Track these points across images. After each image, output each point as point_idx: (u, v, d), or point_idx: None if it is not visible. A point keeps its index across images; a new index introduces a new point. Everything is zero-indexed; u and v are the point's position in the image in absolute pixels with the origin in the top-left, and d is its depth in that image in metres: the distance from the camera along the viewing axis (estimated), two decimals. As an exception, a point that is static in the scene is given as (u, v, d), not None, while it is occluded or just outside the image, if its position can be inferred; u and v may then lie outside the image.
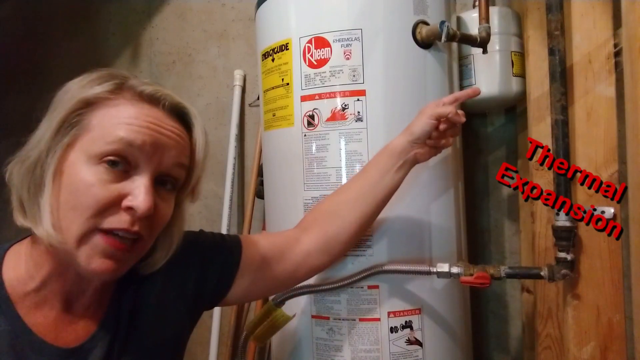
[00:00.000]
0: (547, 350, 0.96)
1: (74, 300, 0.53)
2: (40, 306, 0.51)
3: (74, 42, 1.64)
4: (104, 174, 0.47)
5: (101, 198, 0.47)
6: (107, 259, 0.48)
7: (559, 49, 0.82)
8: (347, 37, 0.84)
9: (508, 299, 1.24)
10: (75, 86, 0.50)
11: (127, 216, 0.48)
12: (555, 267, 0.81)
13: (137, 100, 0.51)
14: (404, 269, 0.79)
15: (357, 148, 0.83)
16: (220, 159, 1.49)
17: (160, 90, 0.52)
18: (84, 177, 0.47)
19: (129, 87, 0.51)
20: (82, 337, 0.53)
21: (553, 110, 0.83)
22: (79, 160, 0.48)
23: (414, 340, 0.84)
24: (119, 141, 0.47)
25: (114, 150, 0.47)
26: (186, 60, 1.54)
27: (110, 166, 0.47)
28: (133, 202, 0.47)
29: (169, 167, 0.51)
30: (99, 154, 0.47)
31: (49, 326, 0.51)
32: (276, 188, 0.94)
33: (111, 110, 0.49)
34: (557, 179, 0.83)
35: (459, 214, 0.94)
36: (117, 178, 0.48)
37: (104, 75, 0.51)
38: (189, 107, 0.55)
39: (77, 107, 0.48)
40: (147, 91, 0.51)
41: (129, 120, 0.49)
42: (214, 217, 1.50)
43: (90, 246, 0.47)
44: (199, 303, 0.66)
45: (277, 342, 0.96)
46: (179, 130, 0.53)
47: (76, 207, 0.47)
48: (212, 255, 0.67)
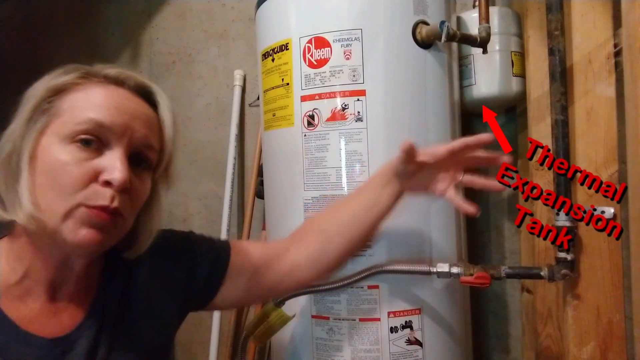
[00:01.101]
0: (547, 350, 0.96)
1: (58, 290, 0.54)
2: (24, 298, 0.51)
3: (74, 42, 1.65)
4: (77, 152, 0.49)
5: (78, 175, 0.48)
6: (92, 229, 0.49)
7: (559, 49, 0.82)
8: (347, 37, 0.84)
9: (508, 299, 1.24)
10: (43, 81, 0.52)
11: (106, 191, 0.49)
12: (555, 267, 0.81)
13: (103, 83, 0.53)
14: (404, 269, 0.79)
15: (357, 148, 0.83)
16: (220, 159, 1.49)
17: (125, 72, 0.55)
18: (59, 157, 0.48)
19: (94, 73, 0.54)
20: (69, 327, 0.53)
21: (553, 110, 0.83)
22: (52, 143, 0.49)
23: (414, 340, 0.84)
24: (89, 122, 0.49)
25: (85, 129, 0.49)
26: (186, 60, 1.54)
27: (83, 145, 0.49)
28: (109, 176, 0.49)
29: (140, 146, 0.53)
30: (71, 134, 0.49)
31: (33, 317, 0.51)
32: (276, 188, 0.94)
33: (79, 94, 0.51)
34: (557, 179, 0.83)
35: (459, 214, 0.94)
36: (91, 155, 0.49)
37: (70, 67, 0.53)
38: (153, 86, 0.57)
39: (47, 95, 0.50)
40: (111, 73, 0.54)
41: (97, 102, 0.51)
42: (214, 217, 1.50)
43: (74, 219, 0.48)
44: (186, 302, 0.66)
45: (277, 342, 0.96)
46: (145, 109, 0.55)
47: (54, 187, 0.48)
48: (202, 256, 0.67)
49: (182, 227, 1.53)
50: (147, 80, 0.57)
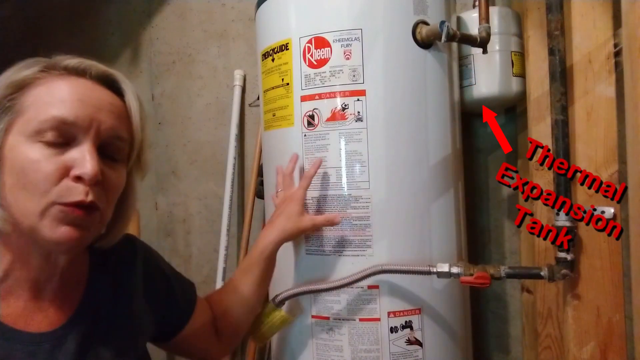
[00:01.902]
0: (547, 350, 0.96)
1: (42, 288, 0.53)
2: (6, 298, 0.51)
3: (74, 41, 1.64)
4: (45, 149, 0.48)
5: (48, 172, 0.47)
6: (70, 226, 0.48)
7: (559, 49, 0.82)
8: (347, 37, 0.84)
9: (508, 299, 1.24)
10: (3, 77, 0.51)
11: (79, 186, 0.48)
12: (555, 267, 0.81)
13: (65, 74, 0.52)
14: (404, 269, 0.79)
15: (357, 148, 0.83)
16: (220, 159, 1.49)
17: (85, 62, 0.54)
18: (27, 155, 0.48)
19: (53, 65, 0.52)
20: (56, 323, 0.53)
21: (553, 110, 0.83)
22: (19, 141, 0.48)
23: (414, 340, 0.84)
24: (52, 119, 0.48)
25: (50, 127, 0.48)
26: (186, 60, 1.54)
27: (50, 141, 0.48)
28: (80, 170, 0.48)
29: (108, 137, 0.52)
30: (37, 132, 0.48)
31: (17, 315, 0.51)
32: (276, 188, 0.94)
33: (41, 89, 0.50)
34: (557, 179, 0.83)
35: (459, 214, 0.94)
36: (60, 151, 0.49)
37: (30, 61, 0.52)
38: (117, 73, 0.56)
39: (8, 92, 0.49)
40: (71, 64, 0.53)
41: (59, 96, 0.49)
42: (214, 217, 1.50)
43: (50, 218, 0.48)
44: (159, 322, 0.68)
45: (277, 342, 0.96)
46: (110, 98, 0.54)
47: (26, 186, 0.47)
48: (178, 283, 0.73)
49: (182, 227, 1.55)
50: (110, 69, 0.56)
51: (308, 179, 0.82)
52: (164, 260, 0.74)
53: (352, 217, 0.83)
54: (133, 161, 0.57)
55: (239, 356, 1.41)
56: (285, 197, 0.84)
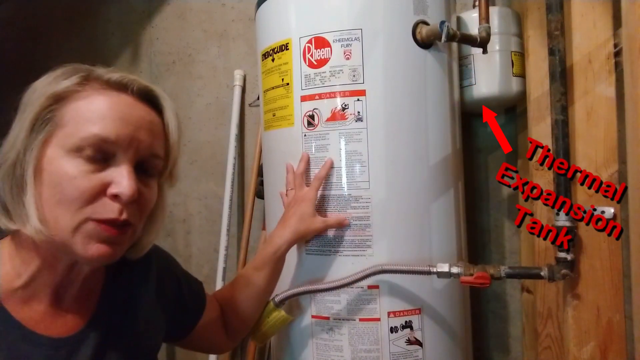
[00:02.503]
0: (547, 350, 0.96)
1: (62, 293, 0.54)
2: (28, 302, 0.51)
3: (74, 42, 1.65)
4: (84, 166, 0.48)
5: (85, 188, 0.47)
6: (102, 244, 0.49)
7: (559, 49, 0.82)
8: (347, 37, 0.84)
9: (508, 299, 1.24)
10: (42, 84, 0.51)
11: (114, 204, 0.48)
12: (555, 267, 0.81)
13: (105, 88, 0.51)
14: (404, 269, 0.79)
15: (357, 148, 0.83)
16: (220, 159, 1.49)
17: (127, 76, 0.53)
18: (66, 170, 0.47)
19: (95, 77, 0.52)
20: (73, 329, 0.54)
21: (553, 110, 0.83)
22: (58, 155, 0.48)
23: (414, 340, 0.84)
24: (93, 137, 0.48)
25: (90, 144, 0.48)
26: (186, 60, 1.54)
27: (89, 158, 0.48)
28: (117, 189, 0.48)
29: (146, 155, 0.52)
30: (76, 148, 0.48)
31: (38, 319, 0.51)
32: (276, 188, 0.94)
33: (81, 103, 0.49)
34: (557, 179, 0.83)
35: (459, 214, 0.94)
36: (98, 168, 0.49)
37: (69, 69, 0.52)
38: (157, 89, 0.56)
39: (48, 103, 0.49)
40: (113, 78, 0.52)
41: (101, 113, 0.49)
42: (214, 217, 1.50)
43: (84, 234, 0.48)
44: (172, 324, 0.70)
45: (277, 342, 0.96)
46: (150, 115, 0.54)
47: (62, 201, 0.47)
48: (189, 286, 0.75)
49: (182, 227, 1.54)
50: (151, 84, 0.55)
51: (320, 179, 0.82)
52: (175, 263, 0.75)
53: (352, 217, 0.83)
54: (166, 175, 0.58)
55: (239, 356, 1.41)
56: (296, 198, 0.83)
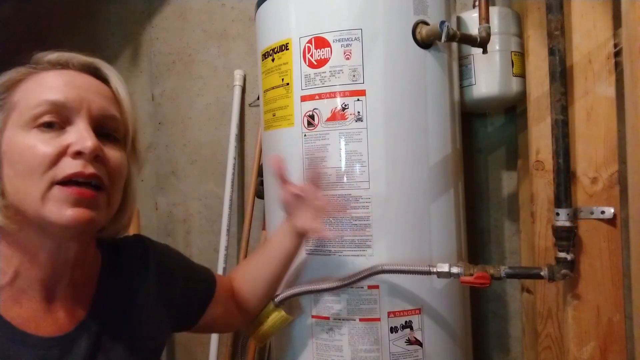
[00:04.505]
0: (547, 350, 0.96)
1: (52, 288, 0.53)
2: (18, 299, 0.51)
3: (74, 42, 1.65)
4: (41, 134, 0.49)
5: (45, 153, 0.48)
6: (77, 207, 0.48)
7: (559, 49, 0.82)
8: (347, 37, 0.84)
9: (508, 299, 1.24)
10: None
11: (77, 161, 0.48)
12: (555, 267, 0.81)
13: (49, 68, 0.54)
14: (404, 269, 0.79)
15: (357, 148, 0.83)
16: (220, 159, 1.49)
17: (64, 54, 0.55)
18: (25, 142, 0.48)
19: (36, 61, 0.54)
20: (66, 327, 0.53)
21: (553, 110, 0.83)
22: (15, 133, 0.49)
23: (414, 340, 0.84)
24: (44, 103, 0.49)
25: (42, 111, 0.49)
26: (186, 60, 1.54)
27: (45, 127, 0.49)
28: (78, 146, 0.48)
29: (100, 116, 0.53)
30: (31, 120, 0.49)
31: (28, 318, 0.51)
32: (276, 188, 0.94)
33: (29, 82, 0.52)
34: (557, 179, 0.83)
35: (459, 214, 0.94)
36: (56, 135, 0.49)
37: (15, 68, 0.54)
38: (98, 61, 0.57)
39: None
40: (53, 58, 0.55)
41: (47, 84, 0.51)
42: (214, 217, 1.50)
43: (55, 200, 0.48)
44: (178, 317, 0.69)
45: (277, 342, 0.96)
46: (97, 83, 0.55)
47: (25, 172, 0.48)
48: (194, 275, 0.74)
49: (182, 227, 1.54)
50: (91, 57, 0.57)
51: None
52: (178, 255, 0.74)
53: (352, 217, 0.83)
54: (129, 148, 0.58)
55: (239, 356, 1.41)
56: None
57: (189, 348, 1.54)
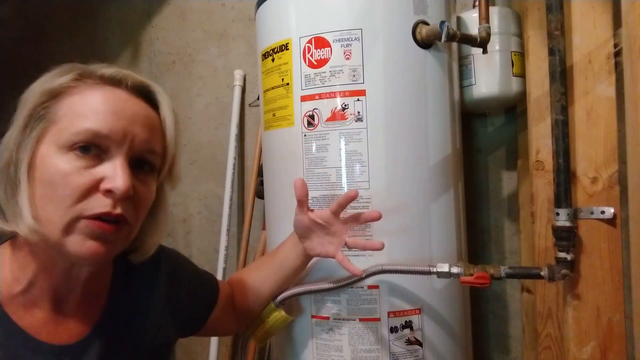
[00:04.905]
0: (547, 350, 0.96)
1: (63, 300, 0.53)
2: (29, 308, 0.51)
3: (74, 41, 1.65)
4: (76, 161, 0.47)
5: (78, 185, 0.46)
6: (96, 241, 0.47)
7: (559, 49, 0.82)
8: (347, 37, 0.84)
9: (508, 299, 1.24)
10: (38, 83, 0.50)
11: (108, 199, 0.47)
12: (555, 267, 0.81)
13: (99, 84, 0.51)
14: (404, 269, 0.79)
15: (357, 148, 0.83)
16: (220, 159, 1.49)
17: (121, 71, 0.52)
18: (58, 166, 0.47)
19: (89, 73, 0.51)
20: (77, 336, 0.53)
21: (553, 110, 0.83)
22: (50, 151, 0.47)
23: (414, 340, 0.84)
24: (86, 132, 0.47)
25: (83, 140, 0.47)
26: (186, 60, 1.54)
27: (82, 152, 0.47)
28: (111, 184, 0.47)
29: (141, 151, 0.51)
30: (69, 143, 0.47)
31: (40, 326, 0.51)
32: (276, 188, 0.94)
33: (75, 98, 0.49)
34: (557, 179, 0.83)
35: (459, 214, 0.94)
36: (91, 163, 0.48)
37: (65, 68, 0.51)
38: (153, 84, 0.55)
39: (42, 100, 0.48)
40: (107, 73, 0.51)
41: (94, 107, 0.48)
42: (214, 217, 1.50)
43: (77, 233, 0.47)
44: (184, 322, 0.69)
45: (277, 342, 0.96)
46: (145, 110, 0.52)
47: (54, 198, 0.46)
48: (199, 280, 0.75)
49: (182, 227, 1.54)
50: (146, 79, 0.54)
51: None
52: (185, 261, 0.74)
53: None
54: (165, 174, 0.56)
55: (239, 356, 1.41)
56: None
57: (189, 348, 1.54)
